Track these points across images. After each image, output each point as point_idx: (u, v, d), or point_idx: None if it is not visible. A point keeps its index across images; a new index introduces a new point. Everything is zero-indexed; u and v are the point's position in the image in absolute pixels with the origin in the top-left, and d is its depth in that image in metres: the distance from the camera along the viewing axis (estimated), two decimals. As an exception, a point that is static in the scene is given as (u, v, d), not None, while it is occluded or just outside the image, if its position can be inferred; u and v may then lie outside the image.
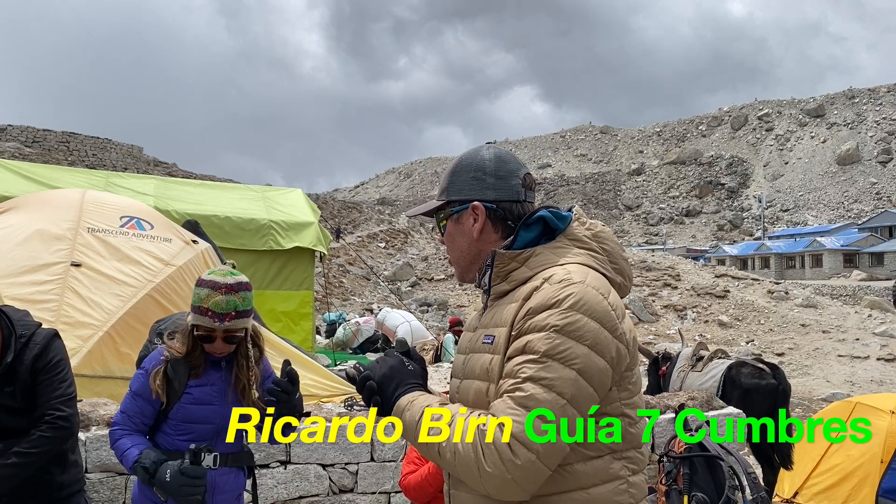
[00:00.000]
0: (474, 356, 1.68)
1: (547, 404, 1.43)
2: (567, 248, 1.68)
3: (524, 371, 1.47)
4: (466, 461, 1.44)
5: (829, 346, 22.50)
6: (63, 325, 4.99)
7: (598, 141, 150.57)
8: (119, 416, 2.68)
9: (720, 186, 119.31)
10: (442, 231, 1.81)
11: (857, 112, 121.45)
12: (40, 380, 2.69)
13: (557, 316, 1.50)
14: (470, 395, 1.64)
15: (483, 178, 1.75)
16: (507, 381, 1.49)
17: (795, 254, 68.57)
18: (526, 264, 1.66)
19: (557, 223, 1.70)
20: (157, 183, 10.57)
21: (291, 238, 10.00)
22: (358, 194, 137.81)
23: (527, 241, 1.70)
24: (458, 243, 1.77)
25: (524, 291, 1.60)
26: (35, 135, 45.38)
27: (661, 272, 31.94)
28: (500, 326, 1.61)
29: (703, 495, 3.68)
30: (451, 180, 1.78)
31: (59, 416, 2.68)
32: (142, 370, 2.70)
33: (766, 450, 6.11)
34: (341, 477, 4.66)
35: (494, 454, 1.41)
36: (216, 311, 2.60)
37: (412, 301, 27.30)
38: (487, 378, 1.60)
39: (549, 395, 1.44)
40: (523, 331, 1.53)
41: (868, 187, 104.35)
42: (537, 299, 1.55)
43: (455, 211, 1.76)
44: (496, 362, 1.58)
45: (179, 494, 2.50)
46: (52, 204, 6.08)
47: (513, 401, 1.44)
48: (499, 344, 1.60)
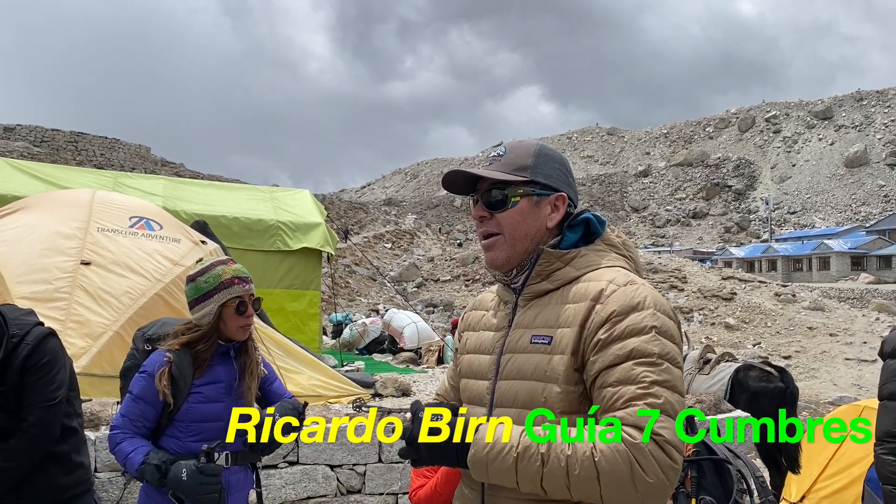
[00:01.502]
0: (519, 356, 1.62)
1: (678, 405, 1.46)
2: (606, 251, 1.69)
3: (647, 376, 1.45)
4: (617, 476, 1.39)
5: (836, 349, 22.41)
6: (73, 324, 5.02)
7: (605, 142, 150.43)
8: (119, 419, 2.60)
9: (727, 188, 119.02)
10: (503, 207, 1.67)
11: (865, 114, 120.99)
12: (27, 381, 2.57)
13: (651, 317, 1.50)
14: (519, 395, 1.59)
15: (566, 174, 1.75)
16: (628, 388, 1.45)
17: (803, 256, 68.33)
18: (571, 264, 1.65)
19: (598, 227, 1.71)
20: (166, 183, 10.63)
21: (299, 239, 10.04)
22: (364, 195, 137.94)
23: (571, 242, 1.70)
24: (527, 226, 1.67)
25: (585, 291, 1.58)
26: (44, 134, 45.60)
27: (668, 274, 31.87)
28: (562, 327, 1.57)
29: (710, 498, 3.66)
30: (537, 162, 1.70)
31: (31, 423, 2.55)
32: (143, 373, 2.62)
33: (773, 453, 6.08)
34: (349, 478, 4.67)
35: (653, 464, 1.38)
36: (241, 276, 2.71)
37: (418, 302, 27.31)
38: (545, 379, 1.55)
39: (676, 397, 1.47)
40: (618, 335, 1.50)
41: (876, 190, 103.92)
42: (616, 301, 1.53)
43: (538, 193, 1.68)
44: (559, 362, 1.54)
45: (197, 494, 2.46)
46: (63, 204, 6.12)
47: (651, 408, 1.43)
48: (561, 344, 1.55)
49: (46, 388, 2.61)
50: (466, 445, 1.48)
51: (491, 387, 1.66)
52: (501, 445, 1.46)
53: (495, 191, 1.67)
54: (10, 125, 45.67)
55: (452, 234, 62.75)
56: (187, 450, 2.60)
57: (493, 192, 1.68)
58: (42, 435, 2.60)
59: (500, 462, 1.45)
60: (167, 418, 2.63)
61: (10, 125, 45.69)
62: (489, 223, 1.69)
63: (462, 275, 35.63)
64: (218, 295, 2.66)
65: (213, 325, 2.66)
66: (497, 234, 1.68)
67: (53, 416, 2.62)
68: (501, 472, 1.46)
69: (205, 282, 2.69)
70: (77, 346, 4.83)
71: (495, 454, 1.45)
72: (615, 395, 1.46)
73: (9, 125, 45.70)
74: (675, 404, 1.45)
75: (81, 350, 4.87)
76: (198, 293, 2.69)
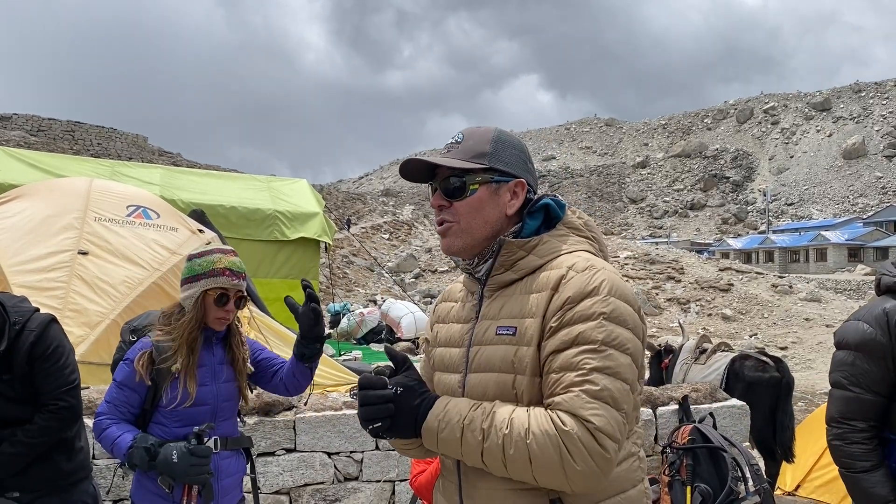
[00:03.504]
0: (486, 348, 1.61)
1: (618, 393, 1.44)
2: (568, 235, 1.68)
3: (587, 362, 1.44)
4: (546, 461, 1.40)
5: (832, 340, 22.42)
6: (70, 313, 5.02)
7: (603, 133, 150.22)
8: (104, 405, 2.61)
9: (725, 180, 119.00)
10: (461, 195, 1.66)
11: (863, 106, 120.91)
12: (39, 369, 2.62)
13: (601, 304, 1.49)
14: (489, 388, 1.57)
15: (526, 160, 1.73)
16: (568, 374, 1.45)
17: (800, 248, 68.41)
18: (533, 252, 1.64)
19: (558, 211, 1.70)
20: (163, 172, 10.60)
21: (297, 228, 10.03)
22: (362, 185, 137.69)
23: (532, 229, 1.68)
24: (486, 214, 1.66)
25: (547, 280, 1.57)
26: (40, 123, 45.50)
27: (665, 265, 31.93)
28: (525, 317, 1.57)
29: (706, 486, 3.70)
30: (495, 148, 1.68)
31: (62, 407, 2.65)
32: (125, 360, 2.65)
33: (768, 442, 6.12)
34: (346, 465, 4.69)
35: (583, 451, 1.39)
36: (233, 269, 2.70)
37: (416, 292, 27.34)
38: (513, 370, 1.55)
39: (618, 384, 1.44)
40: (567, 321, 1.50)
41: (873, 181, 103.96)
42: (572, 288, 1.52)
43: (496, 180, 1.66)
44: (525, 353, 1.54)
45: (188, 475, 2.48)
46: (60, 193, 6.11)
47: (587, 395, 1.42)
48: (526, 335, 1.55)
49: (62, 372, 2.69)
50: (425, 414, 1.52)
51: (462, 380, 1.65)
52: (451, 417, 1.49)
53: (453, 178, 1.66)
54: (6, 114, 45.52)
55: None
56: (173, 436, 2.60)
57: (451, 179, 1.66)
58: (70, 417, 2.71)
59: (448, 432, 1.49)
60: (151, 404, 2.64)
61: (7, 114, 45.55)
62: (447, 211, 1.68)
63: (460, 265, 35.59)
64: (204, 280, 2.67)
65: (199, 311, 2.67)
66: (453, 221, 1.67)
67: (76, 397, 2.73)
68: (449, 443, 1.50)
69: (198, 265, 2.70)
70: (75, 335, 4.83)
71: (445, 424, 1.49)
72: (557, 380, 1.46)
73: (5, 114, 45.56)
74: (615, 392, 1.43)
75: (79, 338, 4.88)
76: (189, 273, 2.71)
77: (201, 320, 2.67)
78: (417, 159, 1.70)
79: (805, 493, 6.43)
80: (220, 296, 2.68)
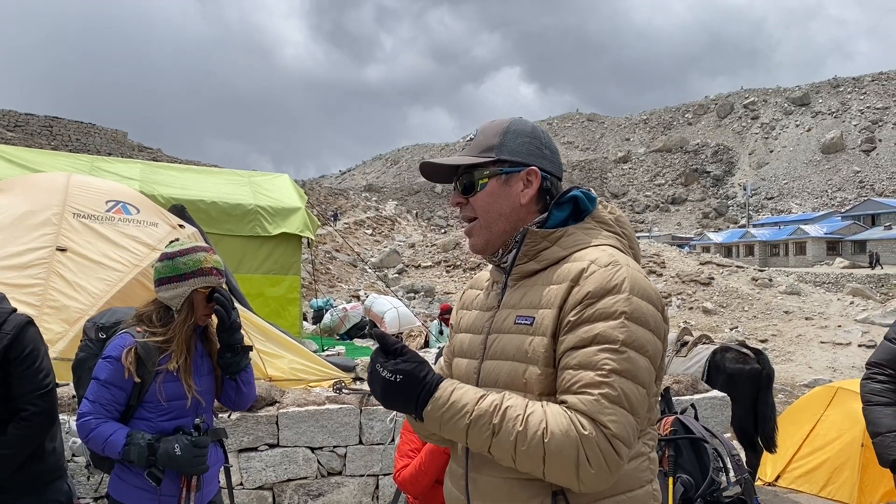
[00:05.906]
0: (504, 336, 1.62)
1: (634, 397, 1.44)
2: (596, 230, 1.66)
3: (607, 363, 1.43)
4: (561, 461, 1.40)
5: (811, 332, 22.75)
6: (49, 310, 4.96)
7: (585, 128, 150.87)
8: (89, 405, 2.57)
9: (706, 174, 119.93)
10: (473, 191, 1.68)
11: (841, 101, 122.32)
12: (13, 372, 2.59)
13: (623, 302, 1.47)
14: (501, 376, 1.59)
15: (540, 146, 1.71)
16: (587, 373, 1.44)
17: (779, 241, 69.14)
18: (558, 244, 1.63)
19: (588, 204, 1.69)
20: (143, 167, 10.47)
21: (278, 224, 9.95)
22: (345, 181, 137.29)
23: (559, 220, 1.67)
24: (499, 206, 1.67)
25: (568, 272, 1.56)
26: (17, 119, 44.82)
27: (647, 259, 32.11)
28: (543, 308, 1.56)
29: (687, 477, 3.72)
30: (503, 140, 1.68)
31: (34, 413, 2.60)
32: (107, 358, 2.61)
33: (749, 433, 6.18)
34: (330, 459, 4.68)
35: (599, 456, 1.39)
36: (219, 268, 2.78)
37: (399, 288, 27.31)
38: (526, 360, 1.55)
39: (635, 388, 1.44)
40: (587, 318, 1.48)
41: (851, 176, 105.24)
42: (593, 283, 1.51)
43: (505, 171, 1.66)
44: (539, 344, 1.54)
45: (192, 466, 2.57)
46: (38, 188, 6.01)
47: (606, 399, 1.42)
48: (542, 325, 1.54)
49: (36, 377, 2.65)
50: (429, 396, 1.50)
51: (478, 366, 1.67)
52: (457, 408, 1.47)
53: (465, 175, 1.69)
54: (-18, 110, 44.81)
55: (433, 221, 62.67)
56: (158, 430, 2.63)
57: (463, 177, 1.70)
58: (44, 422, 2.67)
59: (453, 423, 1.48)
60: (136, 400, 2.64)
61: (-17, 110, 44.83)
62: (466, 208, 1.71)
63: (443, 261, 35.65)
64: (195, 279, 2.70)
65: (191, 310, 2.71)
66: (475, 217, 1.70)
67: (50, 402, 2.69)
68: (454, 432, 1.49)
69: (184, 263, 2.71)
70: (54, 332, 4.77)
71: (450, 415, 1.48)
72: (574, 378, 1.46)
73: (-19, 110, 44.85)
74: (632, 396, 1.43)
75: (58, 335, 4.82)
76: (174, 272, 2.71)
77: (194, 319, 2.72)
78: (427, 162, 1.74)
79: (785, 484, 6.51)
80: (210, 293, 2.75)
